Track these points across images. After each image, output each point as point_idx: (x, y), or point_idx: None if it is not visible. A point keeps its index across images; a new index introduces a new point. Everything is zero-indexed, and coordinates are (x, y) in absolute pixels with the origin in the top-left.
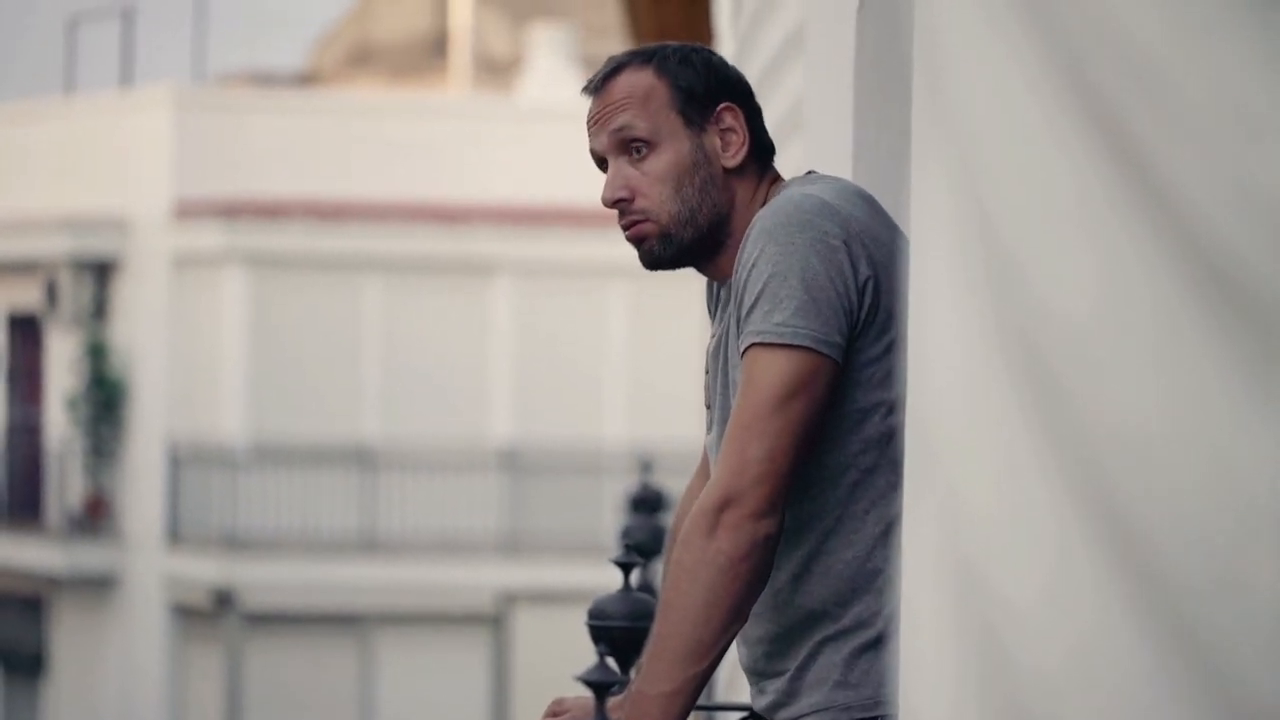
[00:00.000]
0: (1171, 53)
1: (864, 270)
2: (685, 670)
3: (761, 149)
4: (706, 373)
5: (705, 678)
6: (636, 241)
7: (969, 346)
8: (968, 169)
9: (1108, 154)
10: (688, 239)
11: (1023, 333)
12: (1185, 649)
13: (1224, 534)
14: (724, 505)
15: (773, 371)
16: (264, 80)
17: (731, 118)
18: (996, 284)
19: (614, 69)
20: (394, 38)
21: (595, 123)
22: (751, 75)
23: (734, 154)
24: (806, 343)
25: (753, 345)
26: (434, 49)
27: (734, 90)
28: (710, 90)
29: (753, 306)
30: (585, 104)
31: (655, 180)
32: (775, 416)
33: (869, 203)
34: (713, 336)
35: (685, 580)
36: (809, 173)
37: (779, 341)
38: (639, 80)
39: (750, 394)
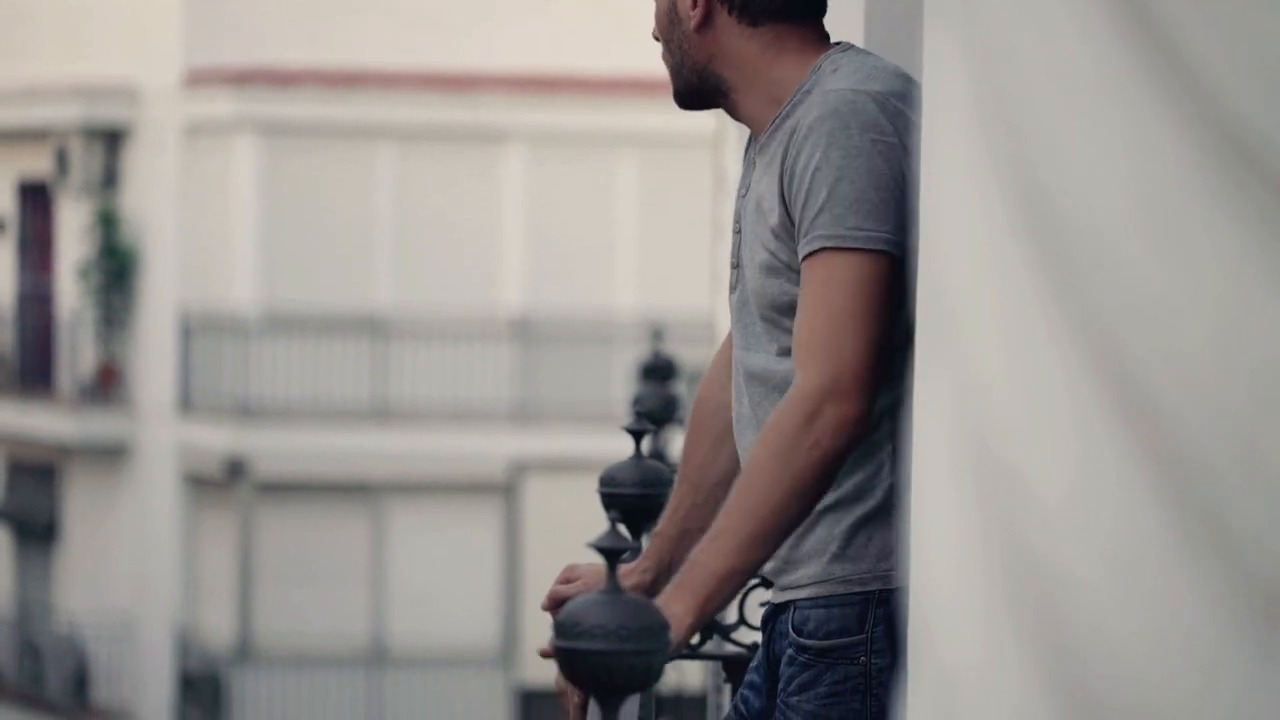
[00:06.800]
0: None
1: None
2: (754, 553)
3: (761, 9)
4: (736, 232)
5: (767, 559)
6: None
7: (980, 214)
8: (981, 33)
9: (1127, 22)
10: (681, 86)
11: (1034, 199)
12: (1210, 531)
13: (1239, 399)
14: (826, 398)
15: (856, 274)
16: None
17: None
18: (1008, 151)
19: None
20: None
21: None
22: None
23: (692, 16)
24: (882, 246)
25: (827, 248)
26: None
27: None
28: None
29: (820, 209)
30: None
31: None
32: (865, 316)
33: (913, 85)
34: (740, 196)
35: (775, 465)
36: (837, 43)
37: (856, 246)
38: None
39: (837, 294)
